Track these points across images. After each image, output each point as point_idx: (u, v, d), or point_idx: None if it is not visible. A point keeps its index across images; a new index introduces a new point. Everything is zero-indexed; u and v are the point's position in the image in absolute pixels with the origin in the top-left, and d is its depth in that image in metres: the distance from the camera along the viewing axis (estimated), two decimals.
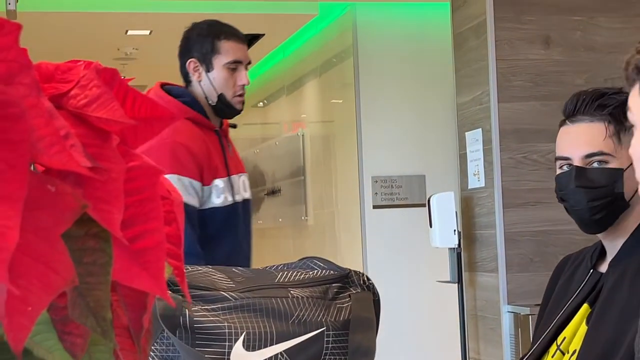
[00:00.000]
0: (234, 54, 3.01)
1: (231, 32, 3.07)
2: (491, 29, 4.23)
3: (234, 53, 3.01)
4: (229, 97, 2.99)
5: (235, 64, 3.00)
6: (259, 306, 1.44)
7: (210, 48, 3.02)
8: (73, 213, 0.52)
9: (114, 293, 0.67)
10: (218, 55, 3.01)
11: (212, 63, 3.01)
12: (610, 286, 1.87)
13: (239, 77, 3.00)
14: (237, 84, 2.99)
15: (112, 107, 0.58)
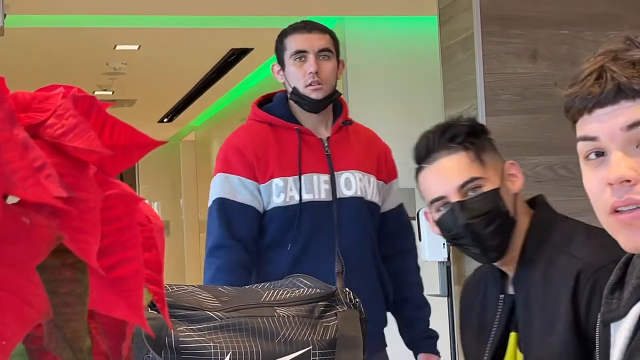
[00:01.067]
0: (296, 44, 2.97)
1: (297, 25, 3.06)
2: (478, 43, 4.24)
3: (296, 44, 2.98)
4: (301, 88, 2.95)
5: (299, 54, 2.96)
6: (245, 325, 1.44)
7: (281, 47, 3.05)
8: (48, 245, 0.52)
9: (92, 321, 0.67)
10: (285, 51, 3.01)
11: (284, 61, 3.02)
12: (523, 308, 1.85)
13: (307, 66, 2.94)
14: (306, 73, 2.93)
15: (89, 137, 0.58)
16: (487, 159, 1.91)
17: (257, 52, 7.67)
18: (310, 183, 2.87)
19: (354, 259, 2.86)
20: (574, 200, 4.13)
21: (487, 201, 1.87)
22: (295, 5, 6.26)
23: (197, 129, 12.86)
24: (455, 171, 1.89)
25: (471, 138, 1.92)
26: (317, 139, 2.95)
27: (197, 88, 9.49)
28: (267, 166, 2.86)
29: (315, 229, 2.85)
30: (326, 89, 2.96)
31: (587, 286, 1.73)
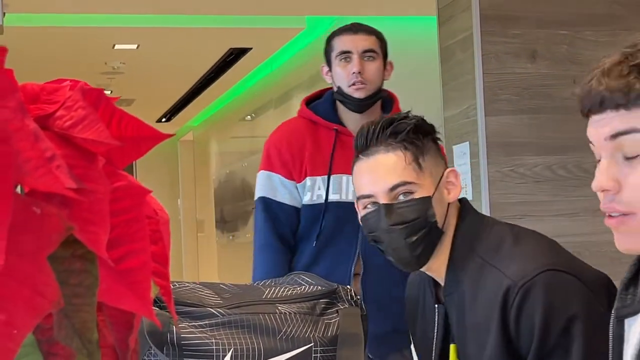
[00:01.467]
0: (342, 45, 3.04)
1: (345, 27, 3.13)
2: (477, 43, 4.24)
3: (341, 45, 3.04)
4: (345, 88, 3.00)
5: (343, 54, 3.03)
6: (247, 322, 1.44)
7: (328, 48, 3.11)
8: (59, 235, 0.52)
9: (100, 313, 0.67)
10: (332, 52, 3.07)
11: (331, 61, 3.08)
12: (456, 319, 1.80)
13: (351, 66, 3.01)
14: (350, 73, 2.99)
15: (98, 128, 0.59)
16: (427, 162, 1.83)
17: (256, 51, 7.67)
18: (339, 184, 2.93)
19: (375, 262, 2.84)
20: (572, 201, 4.14)
21: (414, 209, 1.79)
22: (294, 5, 6.26)
23: (195, 129, 12.86)
24: (388, 172, 1.81)
25: (414, 137, 1.83)
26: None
27: (195, 87, 9.49)
28: (301, 165, 2.95)
29: (339, 229, 2.91)
30: (370, 89, 3.02)
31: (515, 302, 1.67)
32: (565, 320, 1.64)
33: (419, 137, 1.84)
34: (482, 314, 1.72)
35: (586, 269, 1.75)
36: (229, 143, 10.94)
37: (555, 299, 1.65)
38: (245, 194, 9.14)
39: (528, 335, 1.66)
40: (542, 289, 1.66)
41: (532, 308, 1.65)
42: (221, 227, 11.17)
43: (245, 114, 9.62)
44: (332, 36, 3.12)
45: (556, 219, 4.08)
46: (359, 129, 1.87)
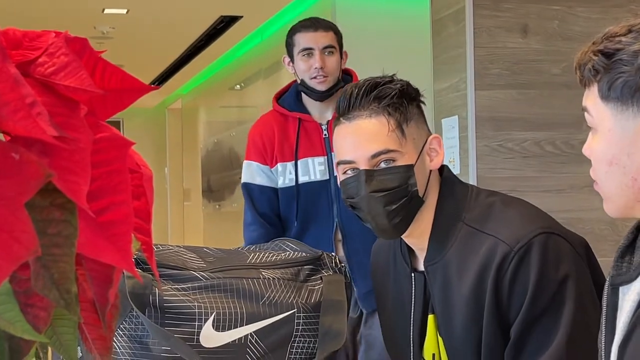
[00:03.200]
0: (304, 42, 3.36)
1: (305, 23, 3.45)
2: (470, 16, 4.22)
3: (304, 42, 3.36)
4: (307, 80, 3.33)
5: (305, 50, 3.35)
6: (230, 287, 1.43)
7: (290, 43, 3.42)
8: (37, 182, 0.51)
9: (80, 267, 0.66)
10: (294, 47, 3.39)
11: (293, 55, 3.39)
12: (439, 290, 1.75)
13: (312, 61, 3.32)
14: (312, 67, 3.31)
15: (80, 75, 0.57)
16: (410, 129, 1.77)
17: (247, 20, 7.63)
18: (306, 166, 3.28)
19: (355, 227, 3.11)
20: (560, 177, 4.14)
21: (395, 177, 1.74)
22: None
23: (183, 97, 12.81)
24: (371, 138, 1.75)
25: (399, 103, 1.77)
26: (316, 125, 3.34)
27: (185, 55, 9.44)
28: (272, 153, 3.31)
29: (313, 205, 3.25)
30: (330, 80, 3.34)
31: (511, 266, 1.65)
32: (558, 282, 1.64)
33: (403, 103, 1.78)
34: (472, 283, 1.69)
35: (570, 233, 1.75)
36: (218, 112, 10.90)
37: (549, 262, 1.65)
38: (232, 164, 9.12)
39: (519, 299, 1.64)
40: (537, 252, 1.65)
41: (527, 271, 1.64)
42: (208, 196, 11.16)
43: (234, 83, 9.58)
44: (293, 32, 3.46)
45: (543, 195, 4.08)
46: (343, 91, 1.81)
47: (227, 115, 10.24)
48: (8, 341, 0.59)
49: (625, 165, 1.28)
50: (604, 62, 1.28)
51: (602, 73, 1.28)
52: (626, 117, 1.26)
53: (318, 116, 3.39)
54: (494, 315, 1.66)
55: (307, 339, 1.47)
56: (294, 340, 1.46)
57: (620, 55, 1.26)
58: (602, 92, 1.29)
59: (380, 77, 1.82)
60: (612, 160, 1.29)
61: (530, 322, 1.64)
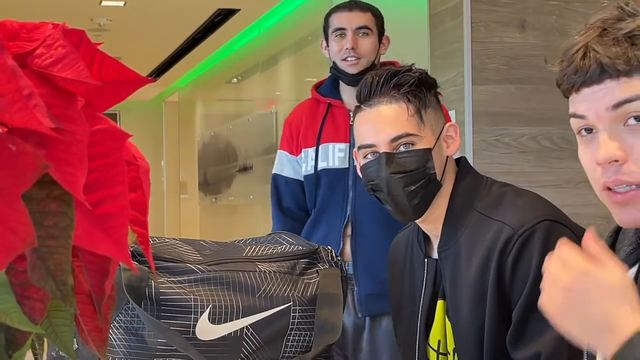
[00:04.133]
0: (337, 22, 3.18)
1: (341, 4, 3.25)
2: (467, 10, 4.22)
3: (337, 21, 3.18)
4: (339, 62, 3.15)
5: (338, 30, 3.16)
6: (226, 279, 1.43)
7: (326, 25, 3.24)
8: (34, 173, 0.51)
9: (76, 259, 0.66)
10: (329, 28, 3.21)
11: (328, 37, 3.21)
12: (450, 275, 1.80)
13: (344, 42, 3.14)
14: (343, 48, 3.13)
15: (78, 67, 0.57)
16: (428, 116, 1.85)
17: (244, 13, 7.62)
18: (326, 152, 3.10)
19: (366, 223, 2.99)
20: (557, 172, 4.15)
21: (414, 159, 1.83)
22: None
23: (180, 90, 12.79)
24: (391, 122, 1.84)
25: (417, 90, 1.84)
26: (344, 111, 3.15)
27: (182, 48, 9.43)
28: (298, 139, 3.17)
29: (329, 195, 3.08)
30: (363, 63, 3.15)
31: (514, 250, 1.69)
32: None
33: (422, 90, 1.85)
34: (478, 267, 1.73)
35: (575, 225, 1.78)
36: (215, 105, 10.89)
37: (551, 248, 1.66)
38: (229, 157, 9.12)
39: (521, 283, 1.67)
40: (540, 237, 1.68)
41: (529, 255, 1.67)
42: (204, 189, 11.15)
43: (231, 77, 9.57)
44: (329, 14, 3.26)
45: (539, 190, 4.07)
46: (363, 80, 1.88)
47: (224, 109, 10.23)
48: (4, 332, 0.59)
49: None
50: None
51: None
52: None
53: (349, 102, 3.17)
54: (497, 299, 1.70)
55: (302, 332, 1.48)
56: (290, 333, 1.47)
57: None
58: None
59: (400, 66, 1.90)
60: None
61: (530, 306, 1.65)
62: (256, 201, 8.25)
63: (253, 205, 8.43)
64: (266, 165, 7.82)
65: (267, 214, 8.28)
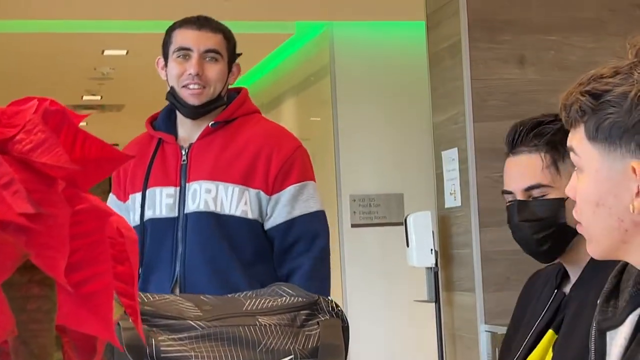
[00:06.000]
0: (182, 40, 2.63)
1: (188, 19, 2.69)
2: (466, 48, 4.24)
3: (182, 40, 2.63)
4: (177, 89, 2.61)
5: (182, 50, 2.62)
6: (227, 335, 1.43)
7: (167, 40, 2.68)
8: (13, 262, 0.52)
9: (65, 335, 0.66)
10: (170, 45, 2.66)
11: (168, 55, 2.66)
12: (573, 311, 1.85)
13: (188, 65, 2.60)
14: (186, 72, 2.59)
15: (57, 152, 0.58)
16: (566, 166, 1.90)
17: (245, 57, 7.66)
18: (153, 198, 2.58)
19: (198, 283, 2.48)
20: None
21: (545, 209, 1.91)
22: (283, 11, 6.26)
23: None
24: (527, 172, 1.92)
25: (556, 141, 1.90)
26: (176, 148, 2.62)
27: None
28: (125, 183, 2.65)
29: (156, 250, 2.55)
30: (208, 94, 2.61)
31: None
32: None
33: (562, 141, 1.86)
34: None
35: None
36: None
37: None
38: None
39: None
40: None
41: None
42: None
43: None
44: (173, 28, 2.70)
45: None
46: (511, 127, 1.96)
47: None
48: None
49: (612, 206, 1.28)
50: (591, 103, 1.29)
51: (589, 114, 1.29)
52: (613, 158, 1.27)
53: (184, 137, 2.63)
54: None
55: None
56: None
57: (608, 96, 1.27)
58: (590, 132, 1.29)
59: (545, 115, 1.96)
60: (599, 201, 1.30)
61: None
62: None
63: None
64: None
65: None
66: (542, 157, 1.90)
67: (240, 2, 5.95)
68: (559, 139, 1.89)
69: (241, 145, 2.61)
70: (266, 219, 2.58)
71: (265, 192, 2.57)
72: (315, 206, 2.65)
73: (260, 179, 2.58)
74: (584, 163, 1.31)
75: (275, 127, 2.79)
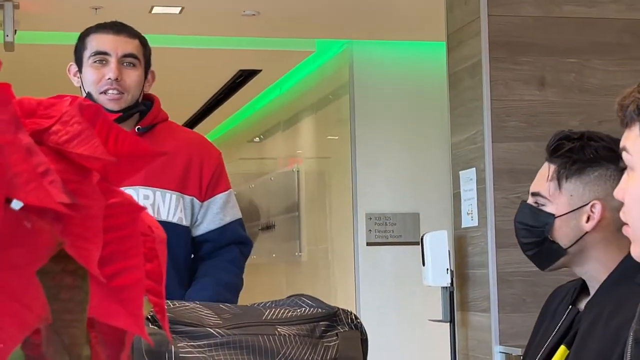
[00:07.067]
0: (99, 45, 2.62)
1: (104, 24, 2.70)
2: (486, 69, 4.24)
3: (98, 44, 2.62)
4: (95, 95, 2.58)
5: (99, 55, 2.62)
6: (245, 343, 1.43)
7: (81, 46, 2.67)
8: (49, 250, 0.52)
9: (93, 330, 0.67)
10: (85, 50, 2.64)
11: (82, 61, 2.65)
12: (586, 328, 1.84)
13: (106, 70, 2.60)
14: (105, 78, 2.59)
15: (93, 143, 0.58)
16: (569, 185, 1.93)
17: (265, 73, 7.69)
18: None
19: None
20: None
21: (533, 217, 1.97)
22: (303, 28, 6.28)
23: None
24: (538, 178, 1.98)
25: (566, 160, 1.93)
26: None
27: (204, 108, 9.51)
28: None
29: None
30: (127, 99, 2.61)
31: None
32: None
33: (573, 162, 1.94)
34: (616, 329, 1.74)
35: None
36: (237, 164, 10.95)
37: None
38: (251, 216, 9.13)
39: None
40: None
41: None
42: None
43: (253, 136, 9.63)
44: (87, 33, 2.69)
45: None
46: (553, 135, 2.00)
47: (246, 168, 10.28)
48: None
49: None
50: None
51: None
52: None
53: None
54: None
55: None
56: None
57: None
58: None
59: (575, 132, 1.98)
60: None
61: None
62: (279, 259, 8.24)
63: (276, 264, 8.42)
64: (289, 223, 7.83)
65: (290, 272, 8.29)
66: (551, 169, 1.95)
67: (261, 19, 5.97)
68: (572, 159, 1.93)
69: (171, 152, 2.63)
70: (196, 224, 2.69)
71: (198, 199, 2.68)
72: (239, 213, 2.81)
73: (194, 186, 2.67)
74: (636, 161, 1.31)
75: (197, 134, 2.92)
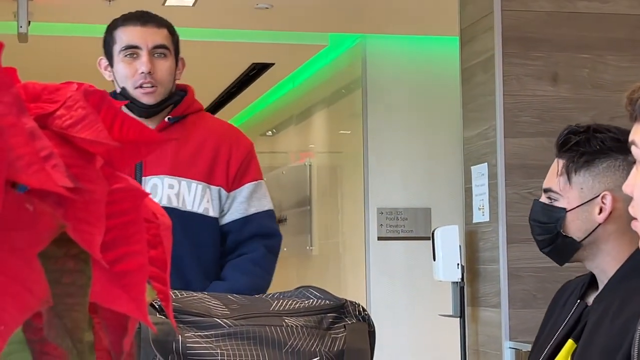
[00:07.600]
0: (128, 38, 2.60)
1: (130, 15, 2.66)
2: (499, 64, 4.23)
3: (128, 38, 2.60)
4: (131, 90, 2.58)
5: (129, 49, 2.60)
6: (253, 334, 1.43)
7: (110, 40, 2.65)
8: (50, 233, 0.52)
9: (96, 315, 0.67)
10: (115, 44, 2.63)
11: (113, 56, 2.64)
12: (594, 322, 1.84)
13: (138, 64, 2.58)
14: (137, 72, 2.57)
15: (97, 128, 0.59)
16: (578, 179, 1.92)
17: (278, 67, 7.69)
18: None
19: None
20: None
21: (545, 213, 1.97)
22: (317, 22, 6.28)
23: None
24: (550, 175, 1.99)
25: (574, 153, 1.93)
26: None
27: (217, 102, 9.52)
28: None
29: None
30: (161, 92, 2.61)
31: None
32: None
33: (581, 154, 1.93)
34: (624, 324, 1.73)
35: None
36: None
37: None
38: None
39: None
40: None
41: None
42: None
43: (265, 130, 9.64)
44: (114, 25, 2.67)
45: None
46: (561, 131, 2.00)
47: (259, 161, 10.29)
48: None
49: None
50: None
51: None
52: None
53: None
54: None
55: None
56: None
57: None
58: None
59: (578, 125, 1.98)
60: None
61: None
62: (290, 253, 8.24)
63: (287, 258, 8.42)
64: (300, 217, 7.83)
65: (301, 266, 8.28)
66: (559, 163, 1.95)
67: (275, 13, 5.97)
68: (579, 152, 1.92)
69: (199, 142, 2.65)
70: (222, 215, 2.65)
71: (225, 189, 2.64)
72: (269, 205, 2.73)
73: (221, 176, 2.64)
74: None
75: (229, 125, 2.88)
